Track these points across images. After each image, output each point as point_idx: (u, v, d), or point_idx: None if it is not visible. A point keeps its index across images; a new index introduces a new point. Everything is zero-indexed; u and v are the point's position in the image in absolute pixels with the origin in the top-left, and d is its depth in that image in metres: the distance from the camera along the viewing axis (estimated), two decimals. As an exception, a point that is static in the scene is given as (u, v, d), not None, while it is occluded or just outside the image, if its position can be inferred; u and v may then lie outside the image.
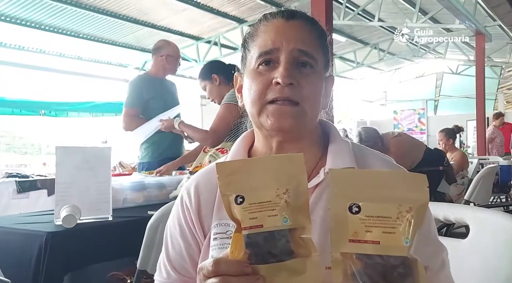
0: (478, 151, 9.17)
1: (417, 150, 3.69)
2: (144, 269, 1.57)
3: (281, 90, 0.78)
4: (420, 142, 3.95)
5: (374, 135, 3.78)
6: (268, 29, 0.84)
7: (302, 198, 0.60)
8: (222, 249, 0.77)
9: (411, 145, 3.75)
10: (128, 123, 3.00)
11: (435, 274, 0.77)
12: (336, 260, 0.56)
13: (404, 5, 9.15)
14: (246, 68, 0.86)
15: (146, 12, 8.23)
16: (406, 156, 3.51)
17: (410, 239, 0.54)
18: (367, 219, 0.55)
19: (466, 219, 1.05)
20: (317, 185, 0.80)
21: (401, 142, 3.72)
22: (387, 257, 0.53)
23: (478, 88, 9.20)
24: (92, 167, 1.83)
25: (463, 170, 4.69)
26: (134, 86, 3.04)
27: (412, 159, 3.59)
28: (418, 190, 0.56)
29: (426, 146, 3.85)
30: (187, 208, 0.87)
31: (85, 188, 1.80)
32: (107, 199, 1.85)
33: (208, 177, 0.88)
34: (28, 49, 8.76)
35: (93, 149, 1.99)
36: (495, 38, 10.41)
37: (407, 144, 3.73)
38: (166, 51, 3.09)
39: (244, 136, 0.92)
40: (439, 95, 16.43)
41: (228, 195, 0.60)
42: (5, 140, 11.67)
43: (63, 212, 1.66)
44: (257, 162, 0.64)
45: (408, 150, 3.65)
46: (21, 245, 1.65)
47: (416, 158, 3.60)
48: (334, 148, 0.85)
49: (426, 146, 3.84)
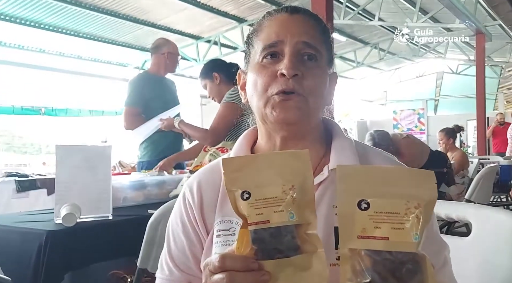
0: (479, 151, 9.18)
1: (425, 152, 3.71)
2: (145, 268, 1.56)
3: (286, 82, 0.78)
4: (425, 145, 3.97)
5: (387, 138, 3.77)
6: (272, 23, 0.84)
7: (308, 194, 0.60)
8: (226, 246, 0.76)
9: (421, 147, 3.79)
10: (129, 122, 3.00)
11: (437, 272, 0.76)
12: (344, 256, 0.56)
13: (404, 4, 9.15)
14: (250, 64, 0.86)
15: (146, 11, 8.23)
16: (417, 158, 3.52)
17: (419, 235, 0.54)
18: (375, 215, 0.55)
19: (469, 216, 1.05)
20: (320, 183, 0.80)
21: (412, 143, 3.75)
22: (396, 253, 0.53)
23: (478, 88, 9.21)
24: (92, 166, 1.83)
25: (463, 169, 4.68)
26: (135, 85, 3.04)
27: (420, 161, 3.60)
28: (426, 187, 0.56)
29: (429, 148, 3.85)
30: (189, 205, 0.86)
31: (85, 187, 1.80)
32: (107, 198, 1.84)
33: (210, 174, 0.88)
34: (27, 48, 8.75)
35: (93, 148, 1.99)
36: (495, 38, 10.40)
37: (417, 146, 3.76)
38: (167, 49, 3.09)
39: (247, 134, 0.92)
40: (439, 94, 16.43)
41: (234, 190, 0.60)
42: (5, 139, 11.67)
43: (63, 211, 1.66)
44: (263, 158, 0.64)
45: (419, 152, 3.68)
46: (21, 243, 1.65)
47: (422, 161, 3.61)
48: (337, 145, 0.85)
49: (430, 148, 3.84)
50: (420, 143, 3.88)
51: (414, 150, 3.67)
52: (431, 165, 3.55)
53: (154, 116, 2.98)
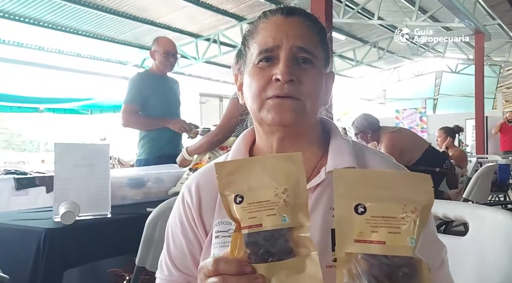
0: (477, 150, 9.19)
1: (413, 149, 3.62)
2: (143, 266, 1.56)
3: (281, 86, 0.78)
4: (422, 141, 3.86)
5: (364, 125, 3.75)
6: (267, 26, 0.83)
7: (301, 197, 0.60)
8: (224, 247, 0.77)
9: (412, 142, 3.67)
10: (127, 119, 3.00)
11: (434, 272, 0.77)
12: (341, 260, 0.56)
13: (403, 3, 9.15)
14: (246, 66, 0.85)
15: (145, 9, 8.22)
16: (395, 152, 3.44)
17: (415, 239, 0.54)
18: (372, 219, 0.55)
19: (466, 216, 1.06)
20: (318, 185, 0.80)
21: (396, 138, 3.64)
22: (393, 257, 0.54)
23: (477, 87, 9.21)
24: (91, 164, 1.83)
25: (461, 167, 4.69)
26: (134, 83, 3.04)
27: (410, 156, 3.56)
28: (423, 191, 0.56)
29: (430, 145, 3.76)
30: (188, 206, 0.86)
31: (84, 185, 1.80)
32: (106, 196, 1.84)
33: (209, 175, 0.87)
34: (26, 45, 8.74)
35: (92, 146, 1.99)
36: (494, 37, 10.41)
37: (402, 141, 3.63)
38: (154, 47, 3.09)
39: (245, 134, 0.92)
40: (438, 93, 16.45)
41: (227, 195, 0.61)
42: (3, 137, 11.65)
43: (62, 209, 1.66)
44: (256, 161, 0.64)
45: (407, 147, 3.59)
46: (19, 241, 1.65)
47: (414, 156, 3.57)
48: (334, 146, 0.84)
49: (430, 146, 3.77)
50: (412, 139, 3.75)
51: (395, 146, 3.56)
52: (423, 162, 3.52)
53: (152, 114, 2.99)
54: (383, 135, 3.70)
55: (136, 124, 3.07)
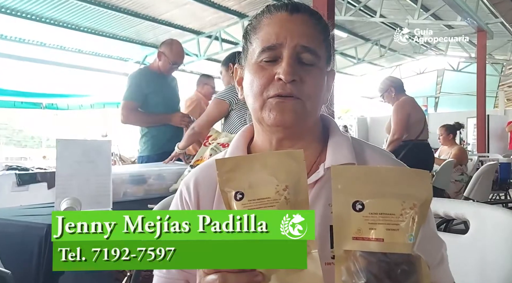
0: (478, 148, 9.17)
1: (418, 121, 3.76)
2: (144, 262, 1.57)
3: (283, 86, 0.77)
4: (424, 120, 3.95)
5: (387, 84, 3.96)
6: (271, 22, 0.82)
7: (302, 194, 0.60)
8: None
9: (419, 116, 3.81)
10: (126, 116, 3.00)
11: (434, 269, 0.77)
12: (339, 257, 0.56)
13: (406, 1, 9.12)
14: (247, 61, 0.84)
15: (147, 6, 8.21)
16: (404, 112, 3.65)
17: (414, 236, 0.54)
18: (370, 216, 0.55)
19: (467, 214, 1.06)
20: (316, 181, 0.80)
21: (408, 103, 3.80)
22: (391, 255, 0.54)
23: (479, 86, 9.19)
24: (93, 160, 1.83)
25: (461, 164, 4.69)
26: (134, 80, 3.04)
27: (413, 130, 3.70)
28: (421, 187, 0.56)
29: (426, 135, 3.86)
30: (186, 202, 0.86)
31: (85, 181, 1.80)
32: (107, 192, 1.85)
33: (207, 171, 0.87)
34: (28, 41, 8.74)
35: (94, 142, 1.99)
36: (496, 35, 10.36)
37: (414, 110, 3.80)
38: (163, 48, 3.06)
39: (244, 131, 0.91)
40: (439, 92, 16.41)
41: (227, 191, 0.61)
42: (5, 133, 11.67)
43: (63, 205, 1.66)
44: (257, 158, 0.64)
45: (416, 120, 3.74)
46: (21, 237, 1.65)
47: (414, 132, 3.71)
48: (333, 143, 0.84)
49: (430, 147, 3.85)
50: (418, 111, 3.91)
51: (410, 109, 3.73)
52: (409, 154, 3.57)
53: (152, 111, 3.00)
54: (402, 96, 3.81)
55: (136, 121, 3.07)
